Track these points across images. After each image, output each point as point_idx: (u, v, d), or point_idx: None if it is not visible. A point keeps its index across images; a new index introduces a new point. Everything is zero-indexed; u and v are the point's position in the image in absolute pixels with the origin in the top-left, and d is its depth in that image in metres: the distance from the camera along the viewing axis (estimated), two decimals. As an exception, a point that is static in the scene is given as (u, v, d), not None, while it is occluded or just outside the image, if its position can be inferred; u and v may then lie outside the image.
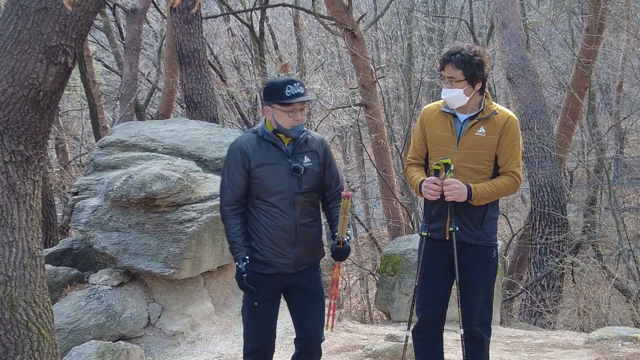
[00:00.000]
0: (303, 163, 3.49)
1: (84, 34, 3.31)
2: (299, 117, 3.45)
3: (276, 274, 3.50)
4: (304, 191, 3.50)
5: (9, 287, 3.20)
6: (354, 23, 13.12)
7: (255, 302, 3.49)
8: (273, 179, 3.44)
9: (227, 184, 3.48)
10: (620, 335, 5.81)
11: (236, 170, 3.45)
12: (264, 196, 3.45)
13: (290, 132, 3.47)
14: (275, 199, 3.44)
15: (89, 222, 5.59)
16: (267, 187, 3.44)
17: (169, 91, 12.40)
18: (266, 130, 3.50)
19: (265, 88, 3.53)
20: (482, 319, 3.64)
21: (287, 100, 3.40)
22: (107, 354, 4.56)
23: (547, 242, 11.12)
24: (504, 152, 3.55)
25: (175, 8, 8.54)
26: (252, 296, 3.50)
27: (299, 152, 3.51)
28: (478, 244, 3.60)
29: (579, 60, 12.35)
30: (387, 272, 7.20)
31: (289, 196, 3.46)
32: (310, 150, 3.55)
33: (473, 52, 3.51)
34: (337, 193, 3.66)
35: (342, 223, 3.50)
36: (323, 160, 3.59)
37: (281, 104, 3.41)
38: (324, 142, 3.67)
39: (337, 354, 5.39)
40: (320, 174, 3.58)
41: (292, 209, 3.47)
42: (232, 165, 3.47)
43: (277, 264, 3.48)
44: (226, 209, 3.48)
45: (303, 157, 3.51)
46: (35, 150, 3.28)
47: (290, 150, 3.50)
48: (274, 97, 3.43)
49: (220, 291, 6.13)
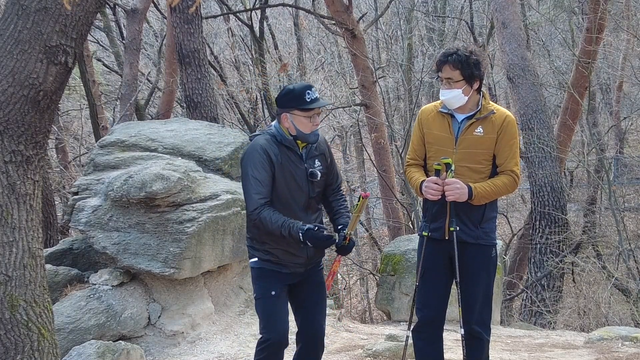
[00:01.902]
0: (316, 167, 3.52)
1: (84, 34, 3.31)
2: (317, 122, 3.50)
3: (290, 273, 3.56)
4: (316, 195, 3.55)
5: (9, 287, 3.20)
6: (354, 23, 13.13)
7: (272, 292, 3.50)
8: (292, 184, 3.45)
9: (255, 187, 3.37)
10: (620, 335, 5.81)
11: (263, 171, 3.38)
12: (281, 201, 3.45)
13: (310, 137, 3.48)
14: (292, 204, 3.46)
15: (89, 222, 5.59)
16: (287, 192, 3.44)
17: (169, 91, 12.41)
18: (285, 136, 3.48)
19: (282, 95, 3.49)
20: (481, 318, 3.65)
21: (309, 106, 3.41)
22: (107, 353, 4.57)
23: (547, 242, 11.13)
24: (503, 151, 3.56)
25: (175, 8, 8.54)
26: (269, 285, 3.51)
27: (311, 157, 3.54)
28: (477, 243, 3.62)
29: (579, 60, 12.36)
30: (387, 272, 7.20)
31: (304, 200, 3.49)
32: (320, 153, 3.58)
33: (469, 51, 3.53)
34: (337, 187, 3.71)
35: (354, 221, 3.51)
36: (328, 160, 3.63)
37: (302, 109, 3.41)
38: (325, 141, 3.70)
39: (337, 354, 5.39)
40: (326, 175, 3.62)
41: (305, 213, 3.50)
42: (258, 167, 3.38)
43: (291, 264, 3.53)
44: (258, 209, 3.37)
45: (314, 161, 3.54)
46: (36, 150, 3.28)
47: (304, 155, 3.52)
48: (294, 102, 3.42)
49: (221, 291, 6.13)
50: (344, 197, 3.76)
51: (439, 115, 3.67)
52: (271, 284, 3.52)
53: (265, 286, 3.53)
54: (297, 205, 3.47)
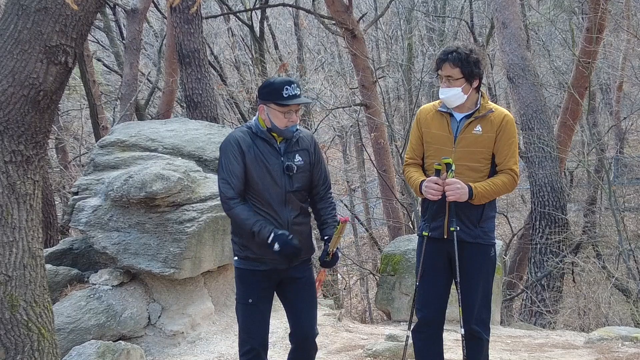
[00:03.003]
0: (295, 162, 3.49)
1: (85, 34, 3.31)
2: (294, 119, 3.46)
3: (270, 270, 3.51)
4: (295, 189, 3.51)
5: (9, 287, 3.20)
6: (354, 23, 13.13)
7: (249, 299, 3.50)
8: (266, 177, 3.44)
9: (227, 178, 3.43)
10: (620, 335, 5.81)
11: (235, 162, 3.42)
12: (257, 194, 3.45)
13: (284, 132, 3.47)
14: (267, 197, 3.44)
15: (89, 222, 5.59)
16: (260, 184, 3.43)
17: (169, 91, 12.40)
18: (260, 128, 3.49)
19: (262, 87, 3.51)
20: (480, 317, 3.65)
21: (284, 102, 3.40)
22: (107, 353, 4.56)
23: (547, 242, 11.12)
24: (502, 150, 3.56)
25: (175, 8, 8.53)
26: (246, 293, 3.50)
27: (291, 151, 3.51)
28: (476, 243, 3.61)
29: (579, 60, 12.35)
30: (387, 272, 7.20)
31: (281, 194, 3.47)
32: (302, 148, 3.55)
33: (469, 50, 3.53)
34: (325, 192, 3.67)
35: (336, 240, 3.53)
36: (313, 157, 3.59)
37: (278, 104, 3.41)
38: (313, 139, 3.67)
39: (337, 354, 5.39)
40: (310, 171, 3.58)
41: (283, 207, 3.48)
42: (230, 157, 3.44)
43: (271, 260, 3.47)
44: (230, 202, 3.43)
45: (295, 155, 3.51)
46: (36, 150, 3.28)
47: (282, 148, 3.50)
48: (271, 96, 3.42)
49: (221, 291, 6.13)
50: (333, 204, 3.70)
51: (437, 115, 3.67)
52: (249, 289, 3.50)
53: (245, 291, 3.52)
54: (272, 198, 3.44)
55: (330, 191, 3.73)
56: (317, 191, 3.65)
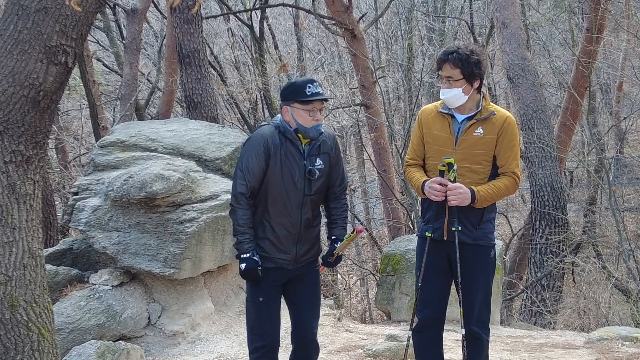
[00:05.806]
0: (316, 166, 3.49)
1: (84, 34, 3.31)
2: (319, 117, 3.46)
3: (276, 269, 3.52)
4: (314, 193, 3.52)
5: (9, 287, 3.20)
6: (354, 23, 13.12)
7: (260, 298, 3.50)
8: (287, 179, 3.43)
9: (242, 174, 3.43)
10: (620, 335, 5.81)
11: (256, 161, 3.41)
12: (275, 194, 3.44)
13: (311, 132, 3.46)
14: (284, 199, 3.45)
15: (89, 222, 5.59)
16: (280, 185, 3.43)
17: (169, 91, 12.40)
18: (287, 127, 3.47)
19: (285, 88, 3.52)
20: (480, 318, 3.65)
21: (308, 98, 3.39)
22: (107, 354, 4.56)
23: (547, 242, 11.12)
24: (503, 152, 3.55)
25: (175, 8, 8.54)
26: (256, 292, 3.50)
27: (313, 154, 3.51)
28: (476, 244, 3.61)
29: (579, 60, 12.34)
30: (387, 272, 7.20)
31: (299, 197, 3.47)
32: (323, 152, 3.54)
33: (470, 50, 3.52)
34: (340, 192, 3.68)
35: (345, 245, 3.57)
36: (334, 160, 3.59)
37: (301, 102, 3.41)
38: (335, 140, 3.67)
39: (337, 354, 5.39)
40: (329, 174, 3.59)
41: (299, 210, 3.48)
42: (253, 155, 3.42)
43: (277, 259, 3.50)
44: (239, 197, 3.43)
45: (316, 159, 3.51)
46: (36, 150, 3.28)
47: (306, 151, 3.50)
48: (294, 95, 3.42)
49: (221, 291, 6.13)
50: (345, 205, 3.74)
51: (439, 116, 3.66)
52: (260, 287, 3.50)
53: (255, 289, 3.52)
54: (289, 201, 3.45)
55: (345, 192, 3.74)
56: (333, 191, 3.66)
